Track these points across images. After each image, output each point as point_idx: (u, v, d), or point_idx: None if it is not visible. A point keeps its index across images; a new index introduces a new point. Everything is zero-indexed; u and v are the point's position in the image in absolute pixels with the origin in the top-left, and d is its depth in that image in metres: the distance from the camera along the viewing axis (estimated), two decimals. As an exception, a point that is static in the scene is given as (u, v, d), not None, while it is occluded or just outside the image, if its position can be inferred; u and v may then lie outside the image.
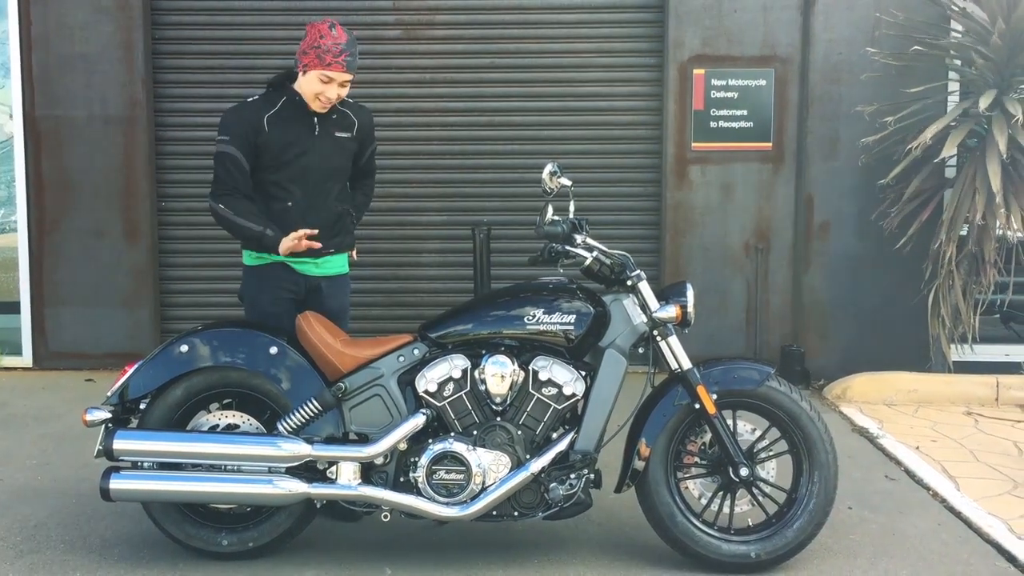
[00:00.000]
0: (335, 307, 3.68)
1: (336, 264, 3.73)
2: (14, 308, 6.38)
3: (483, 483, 3.19)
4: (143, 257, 6.33)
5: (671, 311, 3.25)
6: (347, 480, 3.21)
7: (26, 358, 6.39)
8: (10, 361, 6.39)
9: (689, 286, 3.33)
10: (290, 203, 3.55)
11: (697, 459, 3.38)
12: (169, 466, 3.24)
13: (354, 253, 3.88)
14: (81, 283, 6.32)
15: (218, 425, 3.34)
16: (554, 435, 3.27)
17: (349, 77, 3.50)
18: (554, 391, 3.22)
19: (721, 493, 3.34)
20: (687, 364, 3.27)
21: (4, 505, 3.91)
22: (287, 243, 3.42)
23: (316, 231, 3.45)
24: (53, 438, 4.84)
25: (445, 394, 3.24)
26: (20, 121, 6.25)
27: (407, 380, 3.30)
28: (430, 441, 3.23)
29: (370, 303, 6.23)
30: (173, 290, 6.49)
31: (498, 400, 3.25)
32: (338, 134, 3.62)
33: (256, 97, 3.59)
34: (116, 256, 6.32)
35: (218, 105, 6.03)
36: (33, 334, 6.37)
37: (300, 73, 3.51)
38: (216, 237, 6.18)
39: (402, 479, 3.25)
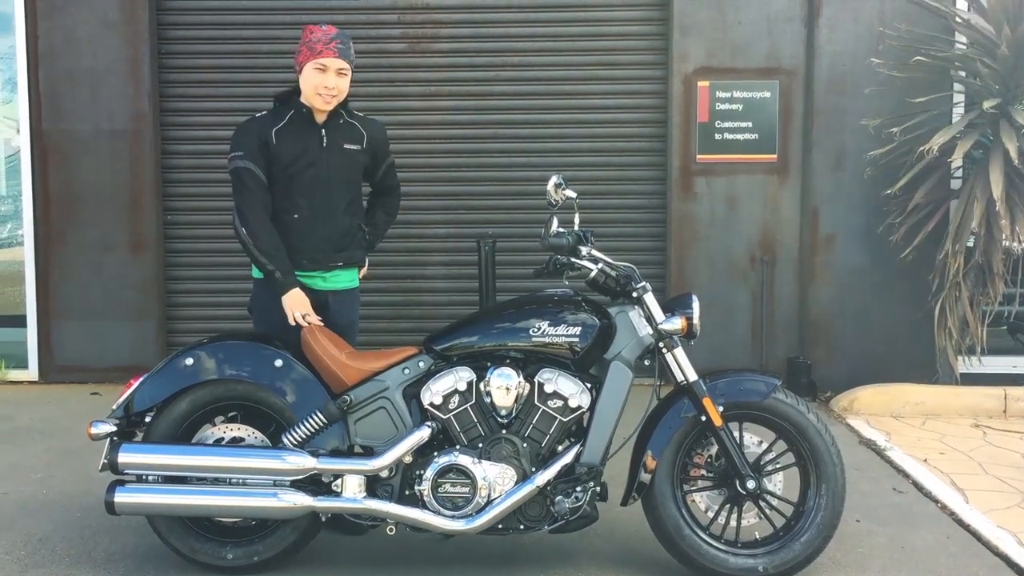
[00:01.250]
0: (343, 322, 3.67)
1: (344, 278, 3.73)
2: (20, 322, 6.39)
3: (488, 496, 3.17)
4: (149, 270, 6.34)
5: (677, 323, 3.24)
6: (352, 493, 3.20)
7: (32, 371, 6.39)
8: (16, 375, 6.39)
9: (695, 298, 3.32)
10: (296, 215, 3.56)
11: (704, 472, 3.36)
12: (174, 479, 3.23)
13: (364, 270, 3.87)
14: (87, 296, 6.33)
15: (223, 438, 3.33)
16: (560, 448, 3.25)
17: (344, 64, 3.51)
18: (560, 403, 3.21)
19: (728, 506, 3.33)
20: (693, 376, 3.26)
21: (9, 519, 3.90)
22: (287, 305, 3.45)
23: (318, 319, 3.47)
24: (58, 451, 4.84)
25: (450, 407, 3.23)
26: (27, 135, 6.28)
27: (412, 393, 3.29)
28: (435, 454, 3.22)
29: (375, 315, 6.22)
30: (179, 303, 6.50)
31: (503, 412, 3.24)
32: (347, 146, 3.63)
33: (264, 112, 3.62)
34: (122, 269, 6.33)
35: (224, 119, 6.11)
36: (39, 347, 6.37)
37: (299, 75, 3.53)
38: (222, 250, 6.25)
39: (407, 492, 3.24)
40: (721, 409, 3.23)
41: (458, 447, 3.22)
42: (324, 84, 3.48)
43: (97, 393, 6.06)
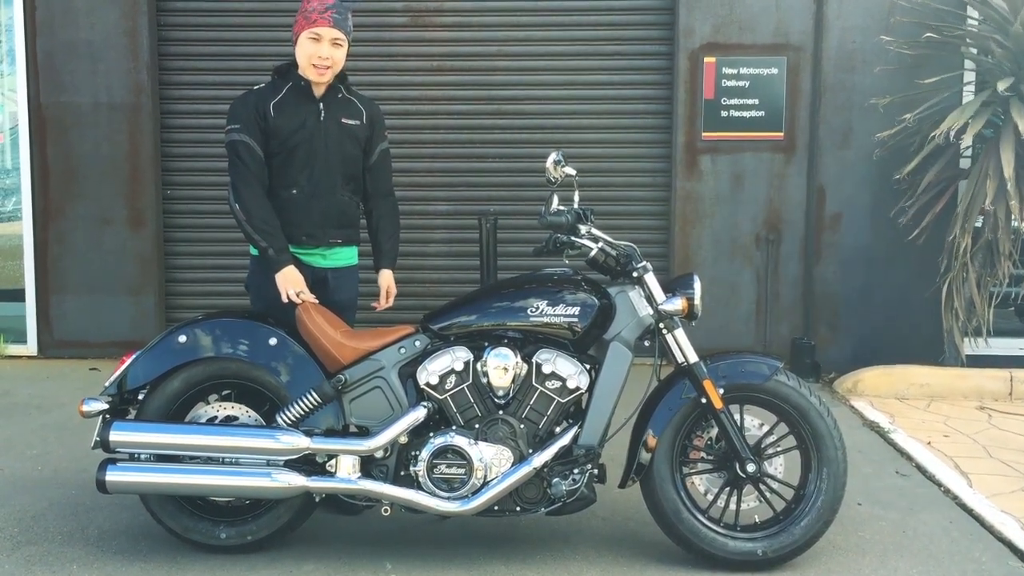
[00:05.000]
0: (342, 300, 3.64)
1: (344, 256, 3.68)
2: (19, 296, 6.37)
3: (485, 477, 3.13)
4: (148, 245, 6.30)
5: (678, 303, 3.19)
6: (347, 474, 3.16)
7: (31, 346, 6.38)
8: (15, 349, 6.38)
9: (696, 278, 3.27)
10: (295, 190, 3.51)
11: (703, 454, 3.31)
12: (166, 458, 3.20)
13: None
14: (86, 271, 6.30)
15: (216, 417, 3.29)
16: (557, 429, 3.21)
17: (339, 35, 3.45)
18: (558, 384, 3.16)
19: (728, 489, 3.28)
20: (694, 357, 3.21)
21: (3, 495, 3.88)
22: (281, 282, 3.40)
23: (312, 296, 3.41)
24: (55, 428, 4.82)
25: (447, 387, 3.18)
26: (25, 108, 6.23)
27: (408, 372, 3.24)
28: (431, 434, 3.18)
29: (374, 293, 6.17)
30: (178, 278, 6.46)
31: (500, 393, 3.19)
32: (344, 120, 3.57)
33: (262, 85, 3.56)
34: (121, 244, 6.29)
35: (223, 92, 6.04)
36: (38, 322, 6.36)
37: (294, 46, 3.47)
38: (221, 226, 6.20)
39: (403, 473, 3.20)
40: (722, 391, 3.18)
41: (454, 428, 3.18)
42: (318, 54, 3.42)
43: (96, 368, 6.04)
